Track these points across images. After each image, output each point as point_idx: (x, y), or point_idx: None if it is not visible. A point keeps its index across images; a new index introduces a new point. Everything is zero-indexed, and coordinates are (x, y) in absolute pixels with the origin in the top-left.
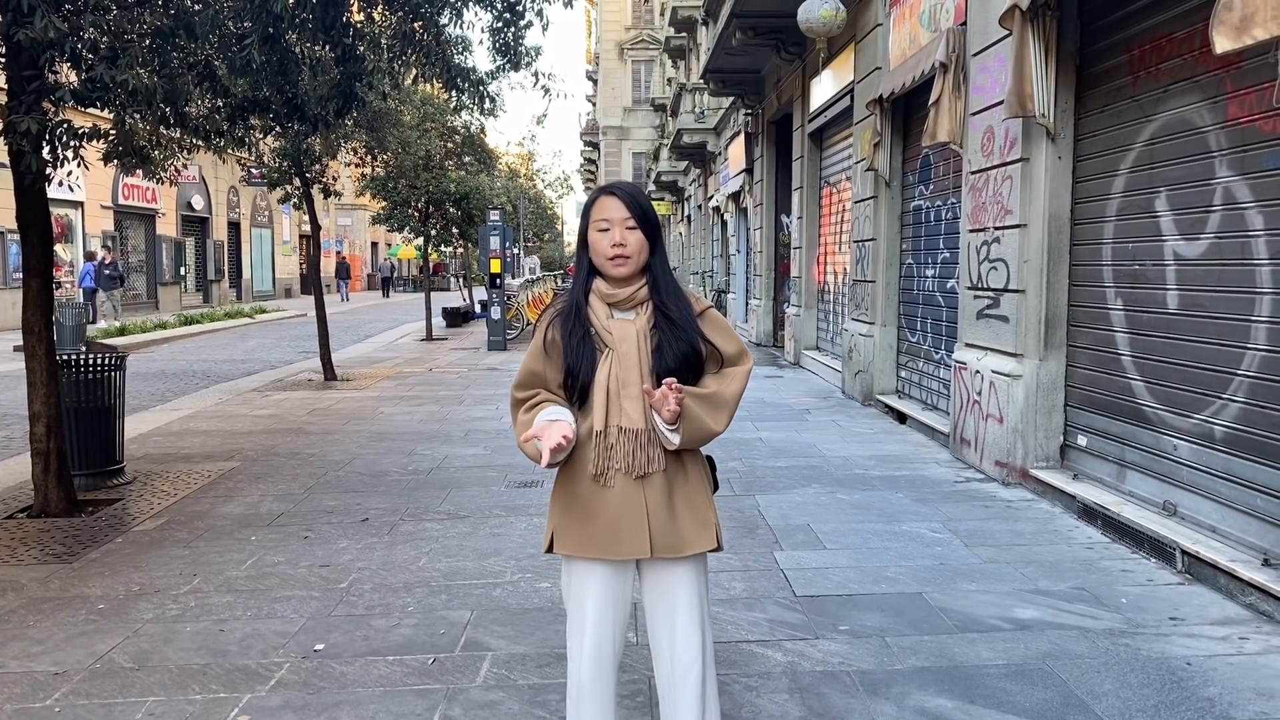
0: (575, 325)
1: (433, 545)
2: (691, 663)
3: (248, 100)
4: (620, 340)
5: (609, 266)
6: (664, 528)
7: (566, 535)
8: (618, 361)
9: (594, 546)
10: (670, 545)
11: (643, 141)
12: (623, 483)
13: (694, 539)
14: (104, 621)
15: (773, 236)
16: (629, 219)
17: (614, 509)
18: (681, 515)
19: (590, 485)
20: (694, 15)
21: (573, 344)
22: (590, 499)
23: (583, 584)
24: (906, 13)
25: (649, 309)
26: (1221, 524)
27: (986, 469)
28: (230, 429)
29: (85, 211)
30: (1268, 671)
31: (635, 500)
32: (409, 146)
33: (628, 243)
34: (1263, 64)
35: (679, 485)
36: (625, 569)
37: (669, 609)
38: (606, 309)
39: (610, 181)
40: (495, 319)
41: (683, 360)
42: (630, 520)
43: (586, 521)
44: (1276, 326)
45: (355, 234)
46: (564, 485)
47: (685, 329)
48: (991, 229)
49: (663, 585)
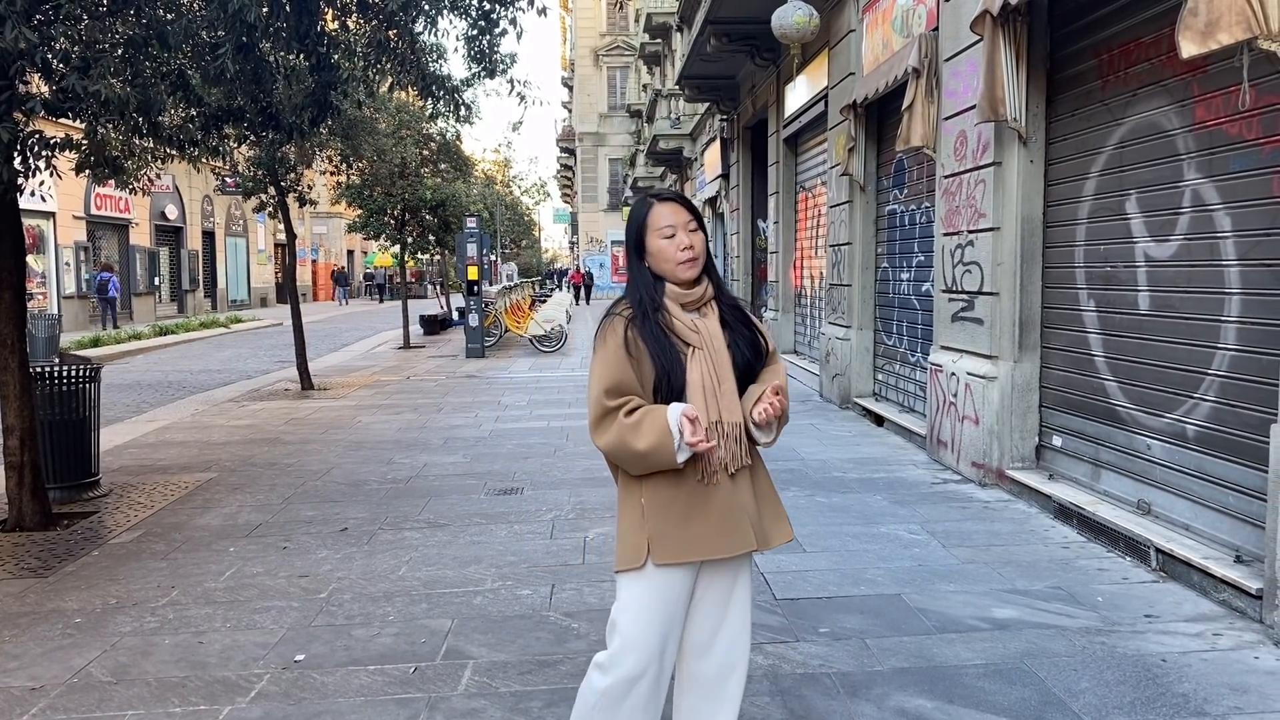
0: (657, 329)
1: (412, 554)
2: (739, 659)
3: (222, 109)
4: (710, 338)
5: (680, 271)
6: (758, 521)
7: (666, 542)
8: (710, 359)
9: (700, 548)
10: (763, 538)
11: (619, 148)
12: (725, 479)
13: (777, 531)
14: (81, 635)
15: (749, 241)
16: (691, 221)
17: (721, 506)
18: (765, 509)
19: (693, 486)
20: (668, 22)
21: (661, 347)
22: (694, 499)
23: (656, 591)
24: (879, 18)
25: (714, 307)
26: (1194, 522)
27: (963, 470)
28: (207, 440)
29: (57, 222)
30: (1240, 667)
31: (735, 496)
32: (384, 154)
33: (695, 245)
34: (1228, 68)
35: (760, 479)
36: (693, 572)
37: (721, 608)
38: (680, 309)
39: (655, 190)
40: (473, 326)
41: (755, 353)
42: (737, 515)
43: (688, 524)
44: (1245, 326)
45: (331, 242)
46: (657, 491)
47: (748, 321)
48: (965, 232)
49: (723, 581)
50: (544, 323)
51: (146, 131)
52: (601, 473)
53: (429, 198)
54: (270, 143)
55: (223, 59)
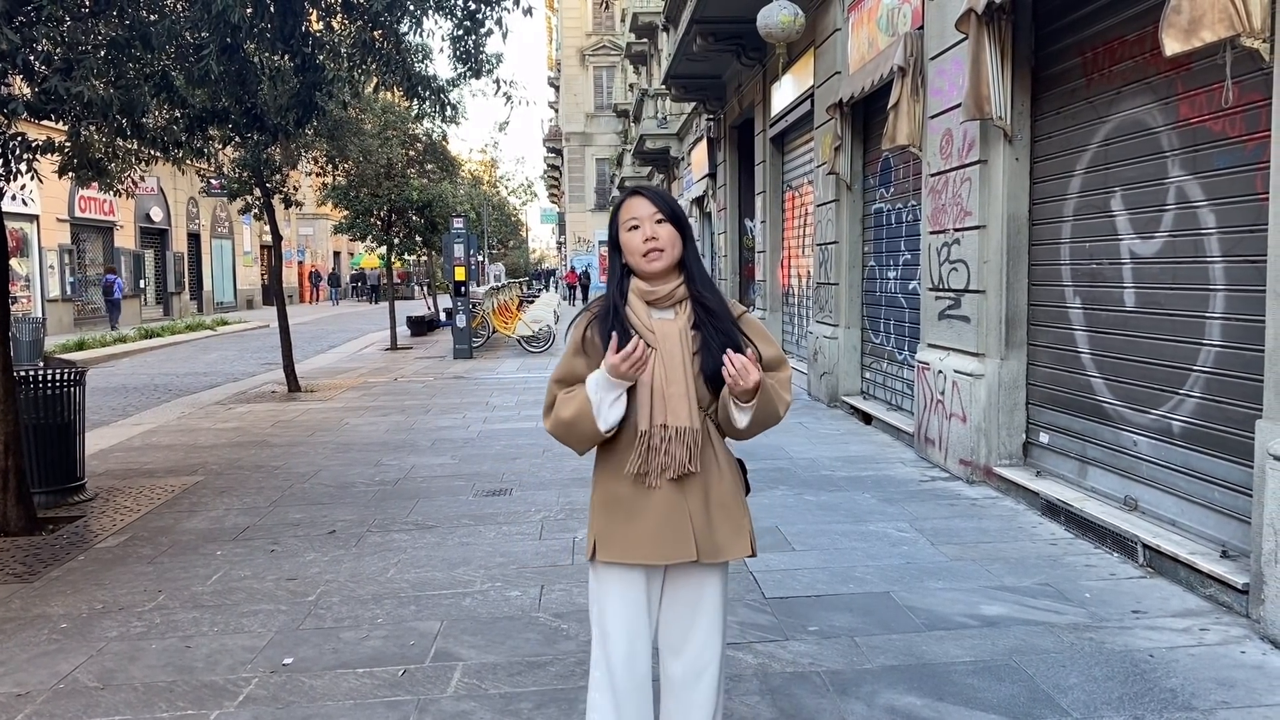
0: (615, 324)
1: (401, 556)
2: (709, 663)
3: (206, 111)
4: (663, 339)
5: (644, 262)
6: (703, 532)
7: (610, 541)
8: (661, 360)
9: (639, 550)
10: (709, 550)
11: (606, 147)
12: (666, 484)
13: (730, 545)
14: (67, 641)
15: (737, 240)
16: (657, 214)
17: (658, 512)
18: (718, 520)
19: (633, 488)
20: (654, 21)
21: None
22: (633, 501)
23: (614, 589)
24: (864, 17)
25: (687, 307)
26: (1181, 517)
27: (951, 468)
28: (193, 443)
29: (41, 225)
30: (1227, 662)
31: (678, 503)
32: (370, 155)
33: (659, 235)
34: (1212, 65)
35: (716, 488)
36: (658, 572)
37: (690, 611)
38: (646, 308)
39: (631, 186)
40: (460, 327)
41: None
42: (675, 523)
43: (630, 525)
44: (1230, 322)
45: (317, 243)
46: (604, 488)
47: (724, 322)
48: (951, 230)
49: (688, 588)
50: (531, 323)
51: (130, 133)
52: (590, 473)
53: (415, 198)
54: (255, 144)
55: (207, 60)
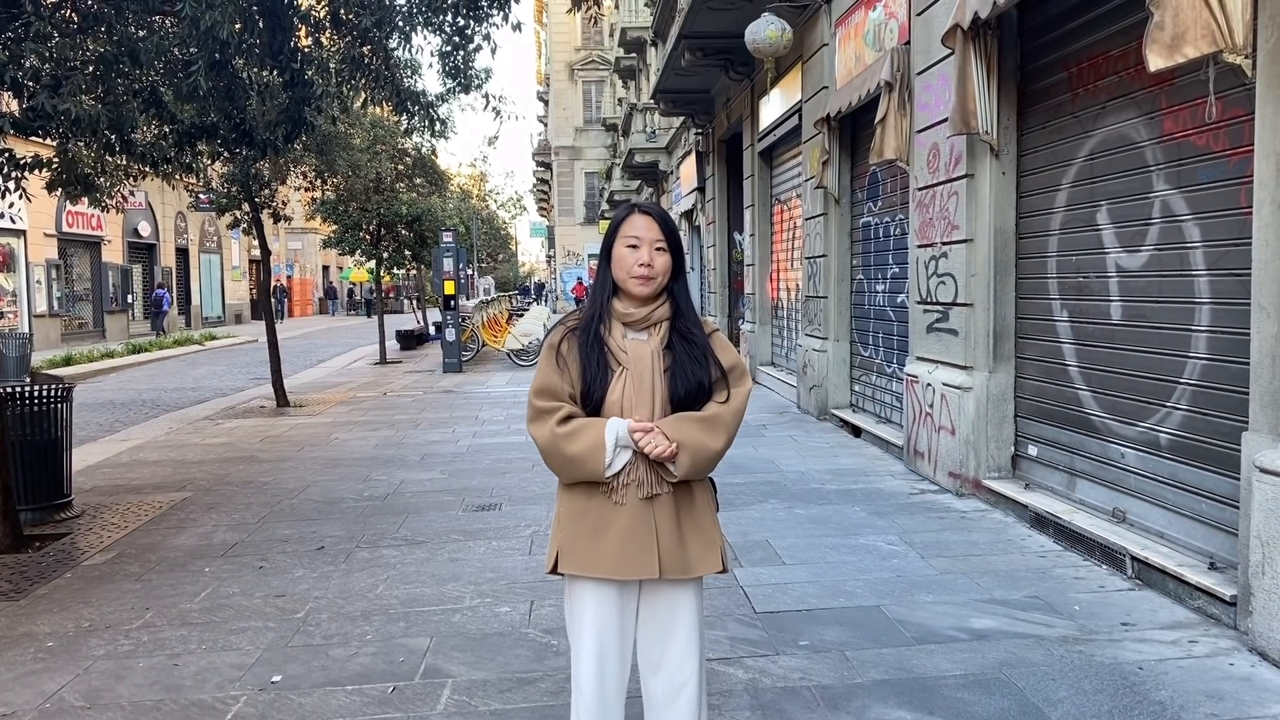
0: (592, 341)
1: (390, 572)
2: (687, 679)
3: (195, 126)
4: (635, 360)
5: (632, 284)
6: (672, 549)
7: (574, 554)
8: (631, 381)
9: (602, 565)
10: (677, 567)
11: (595, 161)
12: (634, 501)
13: (700, 561)
14: (53, 659)
15: (726, 254)
16: (660, 240)
17: (624, 528)
18: (689, 537)
19: (601, 502)
20: (643, 36)
21: (588, 360)
22: (600, 516)
23: (582, 604)
24: (852, 33)
25: (662, 330)
26: (1169, 529)
27: (940, 480)
28: (181, 458)
29: (28, 240)
30: (1216, 674)
31: (645, 520)
32: (359, 169)
33: (655, 264)
34: (1195, 81)
35: (686, 506)
36: (631, 589)
37: (666, 627)
38: (622, 328)
39: (639, 201)
40: (450, 341)
41: (697, 388)
42: (640, 540)
43: (595, 540)
44: (1216, 335)
45: (306, 258)
46: (571, 502)
47: (702, 355)
48: (939, 244)
49: (663, 604)
50: (521, 336)
51: (119, 149)
52: None
53: (404, 212)
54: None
55: (195, 76)
